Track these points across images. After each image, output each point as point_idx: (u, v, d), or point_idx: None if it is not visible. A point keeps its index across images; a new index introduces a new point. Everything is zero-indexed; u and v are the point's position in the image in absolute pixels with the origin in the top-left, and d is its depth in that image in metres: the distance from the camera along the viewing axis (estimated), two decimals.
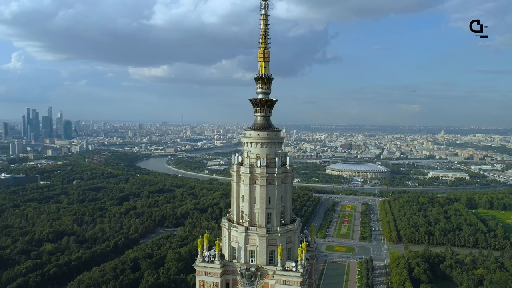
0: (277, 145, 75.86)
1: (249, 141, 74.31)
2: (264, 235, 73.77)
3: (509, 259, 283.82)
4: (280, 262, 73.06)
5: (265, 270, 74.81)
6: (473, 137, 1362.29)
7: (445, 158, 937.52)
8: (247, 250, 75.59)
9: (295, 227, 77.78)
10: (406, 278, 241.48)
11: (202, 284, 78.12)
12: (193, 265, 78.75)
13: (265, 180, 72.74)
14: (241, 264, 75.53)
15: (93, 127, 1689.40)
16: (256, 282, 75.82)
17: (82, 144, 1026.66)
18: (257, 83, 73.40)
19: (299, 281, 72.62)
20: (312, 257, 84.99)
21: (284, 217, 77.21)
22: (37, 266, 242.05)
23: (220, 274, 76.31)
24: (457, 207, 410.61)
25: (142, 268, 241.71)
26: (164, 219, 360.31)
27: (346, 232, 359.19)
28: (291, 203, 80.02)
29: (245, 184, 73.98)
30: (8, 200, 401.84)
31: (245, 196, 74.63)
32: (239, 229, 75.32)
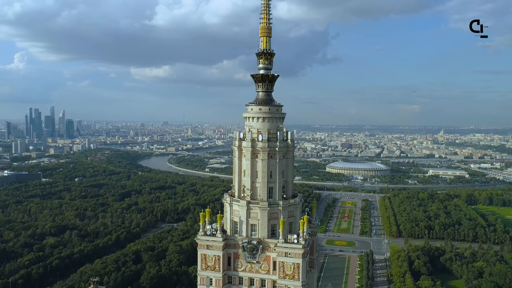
0: (279, 119, 77.60)
1: (251, 116, 76.18)
2: (266, 209, 75.65)
3: (509, 252, 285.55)
4: (282, 234, 74.74)
5: (267, 243, 76.79)
6: (472, 137, 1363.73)
7: (445, 157, 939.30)
8: (249, 224, 77.55)
9: (296, 201, 79.53)
10: (406, 271, 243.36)
11: (204, 257, 79.77)
12: (195, 239, 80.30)
13: (267, 154, 74.58)
14: (243, 238, 77.49)
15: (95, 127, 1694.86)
16: (257, 255, 77.76)
17: (84, 143, 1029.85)
18: (258, 59, 75.26)
19: (301, 253, 74.16)
20: (314, 234, 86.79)
21: (285, 191, 78.99)
22: (40, 258, 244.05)
23: (222, 248, 77.98)
24: (456, 202, 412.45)
25: (144, 260, 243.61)
26: (166, 214, 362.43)
27: (346, 227, 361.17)
28: (293, 178, 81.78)
29: (247, 159, 75.83)
30: (10, 196, 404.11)
31: (246, 171, 76.50)
32: (240, 203, 77.15)
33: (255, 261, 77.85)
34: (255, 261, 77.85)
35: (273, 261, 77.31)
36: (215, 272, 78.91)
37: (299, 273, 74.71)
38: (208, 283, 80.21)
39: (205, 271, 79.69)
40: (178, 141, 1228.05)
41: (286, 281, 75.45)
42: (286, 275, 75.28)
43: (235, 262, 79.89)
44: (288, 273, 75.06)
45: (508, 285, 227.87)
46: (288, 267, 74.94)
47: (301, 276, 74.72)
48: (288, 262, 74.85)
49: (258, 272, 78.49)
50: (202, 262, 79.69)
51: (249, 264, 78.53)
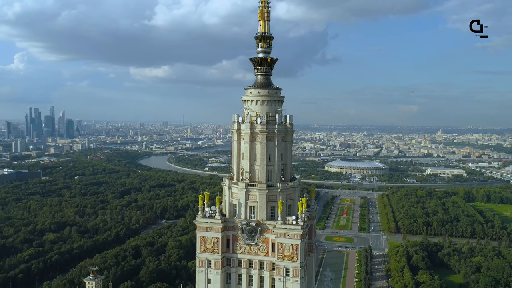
0: (277, 103, 78.62)
1: (249, 99, 77.33)
2: (265, 191, 76.75)
3: (507, 248, 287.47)
4: (281, 216, 75.73)
5: (266, 225, 77.69)
6: (470, 137, 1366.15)
7: (443, 156, 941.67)
8: (248, 206, 78.57)
9: (295, 184, 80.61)
10: (404, 265, 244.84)
11: (203, 240, 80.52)
12: (194, 221, 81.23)
13: (265, 136, 75.75)
14: (242, 220, 78.41)
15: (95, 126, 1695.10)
16: (256, 237, 78.67)
17: (84, 143, 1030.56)
18: (257, 42, 76.43)
19: (299, 234, 74.92)
20: (312, 218, 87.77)
21: (284, 174, 80.00)
22: (40, 253, 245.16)
23: (220, 229, 78.81)
24: (454, 200, 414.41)
25: (143, 255, 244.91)
26: (165, 211, 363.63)
27: (345, 223, 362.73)
28: (291, 161, 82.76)
29: (246, 142, 76.94)
30: (10, 194, 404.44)
31: (245, 154, 77.65)
32: (239, 186, 78.16)
33: (254, 243, 78.75)
34: (254, 243, 78.75)
35: (271, 243, 78.17)
36: (214, 254, 79.74)
37: (297, 254, 75.60)
38: (207, 266, 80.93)
39: (204, 254, 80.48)
40: (178, 141, 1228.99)
41: (284, 262, 76.42)
42: (284, 257, 76.25)
43: (234, 245, 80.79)
44: (286, 254, 76.06)
45: (505, 279, 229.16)
46: (286, 248, 75.90)
47: (299, 257, 75.69)
48: (286, 243, 75.79)
49: (256, 254, 79.49)
50: (201, 245, 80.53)
51: (248, 246, 79.49)
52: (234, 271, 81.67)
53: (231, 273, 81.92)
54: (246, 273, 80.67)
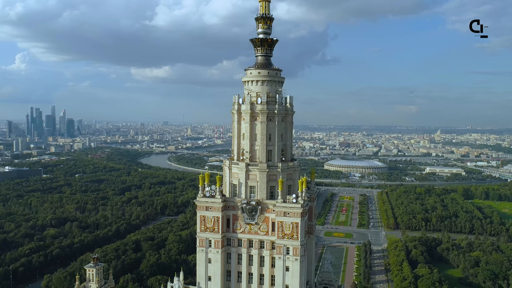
0: (278, 83, 79.66)
1: (250, 80, 78.47)
2: (265, 170, 77.84)
3: (505, 243, 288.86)
4: (281, 195, 76.55)
5: (266, 204, 78.73)
6: (469, 137, 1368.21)
7: (442, 155, 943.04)
8: (248, 186, 79.72)
9: (295, 165, 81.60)
10: (403, 259, 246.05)
11: (203, 219, 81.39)
12: (194, 201, 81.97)
13: (266, 116, 76.94)
14: (242, 199, 79.49)
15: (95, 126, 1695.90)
16: (256, 216, 79.63)
17: (85, 142, 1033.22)
18: (258, 23, 77.73)
19: (300, 212, 75.69)
20: (312, 199, 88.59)
21: (284, 154, 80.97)
22: (40, 247, 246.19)
23: (221, 209, 79.66)
24: (453, 196, 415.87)
25: (144, 249, 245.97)
26: (165, 207, 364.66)
27: (344, 220, 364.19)
28: (292, 142, 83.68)
29: (246, 122, 78.11)
30: (12, 191, 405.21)
31: (245, 134, 78.83)
32: (240, 166, 79.18)
33: (254, 222, 79.79)
34: (254, 222, 79.79)
35: (272, 222, 79.19)
36: (214, 234, 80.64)
37: (297, 233, 76.48)
38: (207, 245, 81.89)
39: (204, 233, 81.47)
40: (178, 140, 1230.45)
41: (284, 241, 77.32)
42: (285, 235, 77.06)
43: (234, 224, 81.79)
44: (286, 232, 76.86)
45: (504, 273, 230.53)
46: (287, 226, 76.83)
47: (299, 236, 76.63)
48: (287, 221, 76.73)
49: (257, 233, 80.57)
50: (201, 224, 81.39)
51: (248, 225, 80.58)
52: (234, 250, 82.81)
53: (231, 253, 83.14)
54: (246, 253, 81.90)
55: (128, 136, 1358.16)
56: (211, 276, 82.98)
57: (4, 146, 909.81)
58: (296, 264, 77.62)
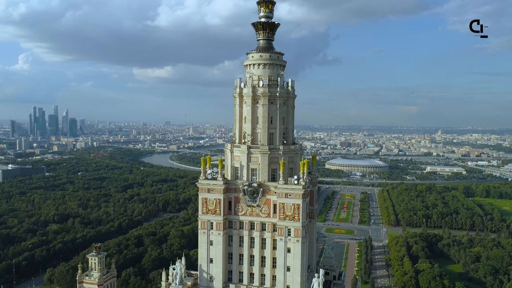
0: (279, 67, 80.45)
1: (251, 63, 79.35)
2: (266, 153, 78.68)
3: (506, 239, 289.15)
4: (282, 176, 76.93)
5: (267, 186, 79.32)
6: (469, 137, 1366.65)
7: (443, 155, 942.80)
8: (249, 169, 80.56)
9: (297, 148, 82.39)
10: (404, 255, 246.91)
11: (205, 201, 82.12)
12: (196, 183, 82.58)
13: (267, 99, 77.84)
14: (243, 181, 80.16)
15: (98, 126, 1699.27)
16: (258, 198, 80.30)
17: (87, 141, 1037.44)
18: (259, 7, 78.68)
19: (301, 193, 75.93)
20: (313, 184, 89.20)
21: (286, 138, 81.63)
22: (43, 242, 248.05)
23: (222, 191, 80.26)
24: (454, 194, 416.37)
25: (146, 244, 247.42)
26: (167, 204, 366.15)
27: (345, 217, 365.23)
28: (293, 126, 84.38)
29: (248, 105, 79.11)
30: (15, 188, 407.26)
31: (247, 117, 79.84)
32: (241, 148, 79.91)
33: (256, 204, 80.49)
34: (256, 204, 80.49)
35: (273, 204, 79.80)
36: (216, 216, 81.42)
37: (299, 214, 76.87)
38: (209, 227, 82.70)
39: (206, 215, 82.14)
40: (180, 140, 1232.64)
41: (286, 222, 77.78)
42: (286, 216, 77.45)
43: (235, 207, 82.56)
44: (288, 214, 77.27)
45: (505, 268, 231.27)
46: (288, 208, 77.21)
47: (301, 217, 77.02)
48: (288, 203, 77.14)
49: (258, 215, 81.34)
50: (203, 206, 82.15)
51: (249, 208, 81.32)
52: (235, 233, 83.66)
53: (233, 235, 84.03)
54: (247, 235, 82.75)
55: (130, 135, 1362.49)
56: (213, 258, 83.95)
57: (7, 145, 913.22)
58: (297, 245, 78.10)
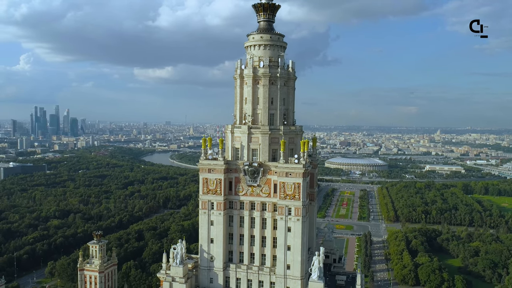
0: (280, 48, 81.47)
1: (252, 44, 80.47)
2: (267, 133, 79.67)
3: (505, 233, 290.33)
4: (283, 155, 77.82)
5: (268, 166, 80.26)
6: (468, 136, 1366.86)
7: (441, 154, 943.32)
8: (250, 149, 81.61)
9: (297, 129, 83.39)
10: (403, 249, 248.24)
11: (205, 181, 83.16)
12: (197, 164, 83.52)
13: (268, 80, 78.84)
14: (244, 161, 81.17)
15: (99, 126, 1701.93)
16: (258, 178, 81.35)
17: (88, 141, 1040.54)
18: None
19: (301, 172, 76.65)
20: (314, 167, 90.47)
21: (286, 119, 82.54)
22: (44, 236, 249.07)
23: (223, 171, 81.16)
24: (453, 191, 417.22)
25: (146, 238, 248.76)
26: (168, 201, 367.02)
27: (345, 213, 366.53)
28: (294, 107, 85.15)
29: (248, 86, 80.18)
30: (16, 185, 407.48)
31: (248, 98, 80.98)
32: (242, 129, 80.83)
33: (256, 184, 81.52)
34: (256, 184, 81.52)
35: (273, 184, 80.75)
36: (217, 196, 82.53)
37: (299, 193, 77.78)
38: (210, 207, 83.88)
39: (207, 195, 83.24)
40: (180, 140, 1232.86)
41: (286, 201, 78.82)
42: (287, 195, 78.43)
43: (236, 187, 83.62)
44: (288, 193, 78.19)
45: (504, 262, 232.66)
46: (289, 187, 78.12)
47: (301, 196, 77.98)
48: (288, 182, 77.98)
49: (259, 195, 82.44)
50: (204, 186, 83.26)
51: (250, 188, 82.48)
52: (236, 213, 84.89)
53: (234, 215, 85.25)
54: (248, 215, 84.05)
55: (131, 135, 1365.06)
56: (213, 238, 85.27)
57: (8, 144, 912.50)
58: (298, 224, 79.01)
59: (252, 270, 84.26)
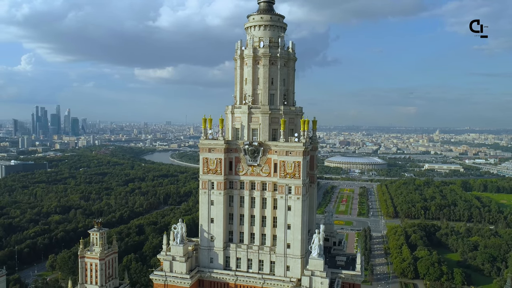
0: (280, 29, 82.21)
1: (252, 25, 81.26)
2: (267, 112, 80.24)
3: (503, 228, 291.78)
4: (283, 134, 78.18)
5: (268, 146, 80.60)
6: (467, 136, 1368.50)
7: (440, 153, 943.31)
8: (250, 129, 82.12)
9: (297, 109, 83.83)
10: (403, 243, 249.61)
11: (205, 161, 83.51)
12: (197, 143, 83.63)
13: (268, 60, 79.47)
14: (244, 141, 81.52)
15: (99, 126, 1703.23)
16: (258, 157, 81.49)
17: (89, 140, 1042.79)
18: None
19: (302, 150, 76.66)
20: (314, 149, 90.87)
21: (287, 99, 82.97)
22: (45, 231, 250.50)
23: (223, 150, 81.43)
24: (452, 188, 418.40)
25: (147, 232, 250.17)
26: (168, 197, 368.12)
27: (344, 209, 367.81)
28: (294, 88, 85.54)
29: (248, 66, 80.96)
30: (17, 182, 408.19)
31: (248, 78, 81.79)
32: (242, 109, 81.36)
33: (256, 164, 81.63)
34: (256, 164, 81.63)
35: (274, 163, 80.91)
36: (217, 175, 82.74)
37: (299, 172, 77.65)
38: (210, 187, 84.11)
39: (207, 175, 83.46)
40: (181, 139, 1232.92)
41: (287, 180, 78.73)
42: (287, 174, 78.30)
43: (236, 167, 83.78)
44: (289, 172, 78.08)
45: (502, 256, 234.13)
46: (289, 166, 78.06)
47: (301, 175, 77.88)
48: (289, 161, 77.99)
49: (259, 175, 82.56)
50: (204, 166, 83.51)
51: (250, 167, 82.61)
52: (236, 193, 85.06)
53: (234, 196, 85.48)
54: (248, 195, 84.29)
55: (131, 135, 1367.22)
56: (214, 218, 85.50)
57: (10, 143, 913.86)
58: (298, 203, 79.17)
59: (252, 249, 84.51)
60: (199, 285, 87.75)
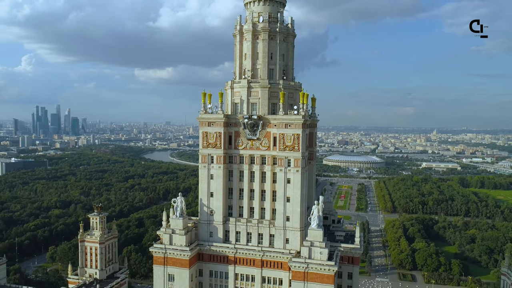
0: (279, 4, 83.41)
1: (252, 0, 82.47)
2: (266, 86, 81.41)
3: (500, 222, 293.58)
4: (282, 107, 79.10)
5: (267, 119, 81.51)
6: (464, 136, 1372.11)
7: (438, 152, 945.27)
8: (250, 103, 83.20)
9: (296, 84, 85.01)
10: (401, 236, 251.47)
11: (205, 135, 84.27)
12: (197, 118, 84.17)
13: (267, 34, 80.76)
14: (244, 115, 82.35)
15: (99, 125, 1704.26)
16: (258, 131, 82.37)
17: (89, 139, 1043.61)
18: None
19: (301, 123, 77.51)
20: (313, 126, 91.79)
21: (286, 74, 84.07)
22: (45, 224, 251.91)
23: (223, 124, 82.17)
24: (450, 184, 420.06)
25: (146, 225, 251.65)
26: (168, 193, 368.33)
27: (343, 205, 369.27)
28: (293, 64, 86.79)
29: (248, 41, 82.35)
30: (18, 178, 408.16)
31: (247, 53, 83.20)
32: (242, 83, 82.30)
33: (256, 137, 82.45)
34: (256, 137, 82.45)
35: (273, 137, 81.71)
36: (217, 149, 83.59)
37: (299, 144, 78.58)
38: (209, 161, 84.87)
39: (207, 149, 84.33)
40: (180, 139, 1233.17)
41: (286, 153, 79.60)
42: (286, 147, 79.27)
43: (235, 141, 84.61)
44: (288, 144, 79.01)
45: (500, 247, 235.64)
46: (288, 138, 78.93)
47: (301, 147, 78.86)
48: (288, 133, 78.85)
49: (258, 148, 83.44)
50: (204, 140, 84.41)
51: (249, 141, 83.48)
52: (236, 167, 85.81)
53: (233, 170, 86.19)
54: (248, 169, 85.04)
55: (131, 134, 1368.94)
56: (213, 192, 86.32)
57: (10, 142, 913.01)
58: (297, 175, 79.94)
59: (252, 223, 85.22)
60: (199, 258, 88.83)
